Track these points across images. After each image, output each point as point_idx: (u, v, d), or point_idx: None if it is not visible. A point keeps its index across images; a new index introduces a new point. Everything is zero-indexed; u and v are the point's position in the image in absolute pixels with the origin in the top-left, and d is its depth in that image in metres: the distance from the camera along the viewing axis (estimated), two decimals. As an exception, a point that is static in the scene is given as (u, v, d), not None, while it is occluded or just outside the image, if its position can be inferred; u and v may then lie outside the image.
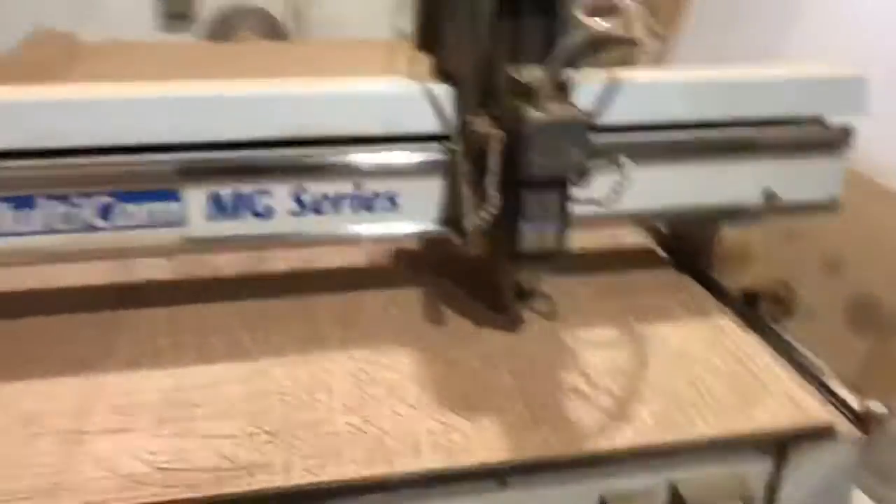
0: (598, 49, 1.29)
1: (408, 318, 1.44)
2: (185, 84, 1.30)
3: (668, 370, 1.30)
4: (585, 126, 1.17)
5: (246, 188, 1.31)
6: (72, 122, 1.23)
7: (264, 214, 1.34)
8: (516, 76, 1.19)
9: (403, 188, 1.36)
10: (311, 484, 1.05)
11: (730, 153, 1.48)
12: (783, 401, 1.23)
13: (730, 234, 1.61)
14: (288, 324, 1.41)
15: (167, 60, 3.62)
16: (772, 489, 1.23)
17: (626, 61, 1.43)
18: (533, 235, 1.24)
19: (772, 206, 1.52)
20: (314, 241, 1.39)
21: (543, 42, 1.23)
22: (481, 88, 1.28)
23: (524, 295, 1.44)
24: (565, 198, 1.24)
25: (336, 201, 1.35)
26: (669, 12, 4.12)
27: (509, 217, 1.23)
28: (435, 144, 1.35)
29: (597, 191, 1.23)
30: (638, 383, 1.27)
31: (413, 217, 1.39)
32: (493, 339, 1.38)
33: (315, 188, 1.34)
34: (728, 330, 1.43)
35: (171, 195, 1.29)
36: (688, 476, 1.19)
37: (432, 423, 1.17)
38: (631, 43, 1.25)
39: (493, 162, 1.19)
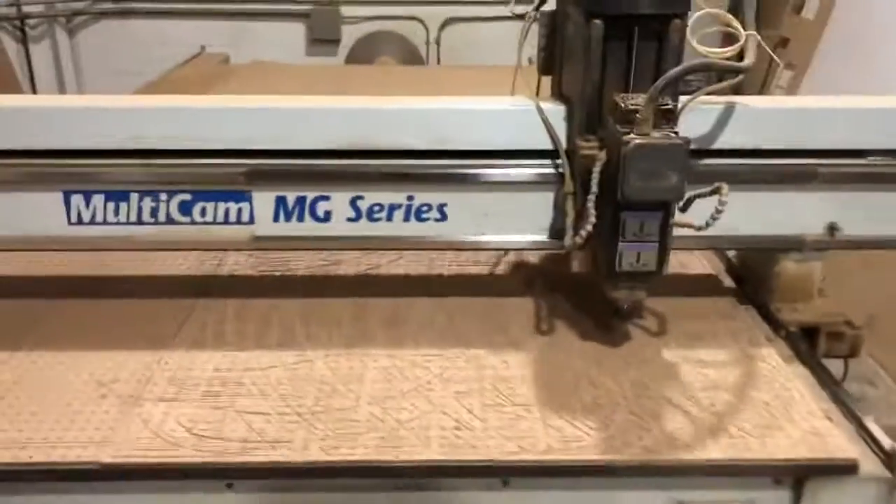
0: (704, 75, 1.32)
1: (452, 324, 1.52)
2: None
3: (692, 393, 1.30)
4: (684, 151, 1.19)
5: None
6: (159, 128, 1.40)
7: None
8: (620, 102, 1.23)
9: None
10: (323, 462, 1.15)
11: (792, 183, 1.46)
12: (805, 433, 1.20)
13: (795, 267, 1.57)
14: (340, 322, 1.52)
15: (308, 79, 3.90)
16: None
17: (737, 90, 1.44)
18: (631, 255, 1.29)
19: (834, 239, 1.49)
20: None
21: (654, 68, 1.28)
22: (590, 112, 1.33)
23: (622, 313, 1.48)
24: (666, 220, 1.27)
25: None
26: (803, 45, 3.99)
27: (609, 237, 1.28)
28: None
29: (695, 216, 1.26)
30: (657, 400, 1.28)
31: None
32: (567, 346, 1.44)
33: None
34: (770, 360, 1.40)
35: (240, 196, 1.45)
36: (695, 498, 1.19)
37: (448, 420, 1.23)
38: (738, 71, 1.28)
39: (594, 182, 1.25)
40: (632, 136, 1.18)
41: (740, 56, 1.28)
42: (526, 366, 1.38)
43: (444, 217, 1.47)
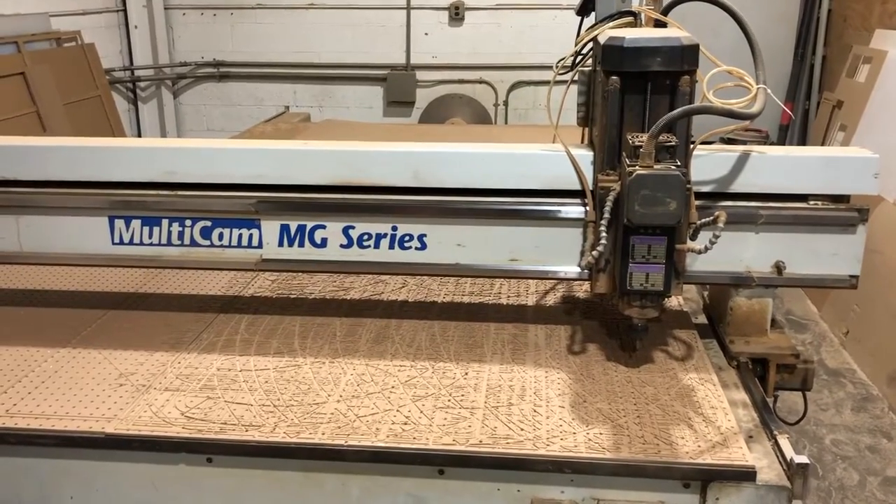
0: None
1: (433, 341, 1.71)
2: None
3: (626, 407, 1.44)
4: (681, 181, 1.38)
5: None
6: (186, 165, 1.67)
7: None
8: (630, 140, 1.44)
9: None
10: (285, 443, 1.35)
11: (741, 224, 1.59)
12: (716, 444, 1.32)
13: (748, 302, 1.68)
14: (334, 336, 1.73)
15: (379, 134, 4.22)
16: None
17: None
18: (640, 276, 1.46)
19: (781, 277, 1.60)
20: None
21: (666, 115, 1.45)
22: (611, 152, 1.53)
23: (636, 330, 1.61)
24: (672, 245, 1.45)
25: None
26: (854, 107, 4.03)
27: (622, 259, 1.46)
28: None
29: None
30: (590, 411, 1.43)
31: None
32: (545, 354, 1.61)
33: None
34: (709, 385, 1.52)
35: (251, 224, 1.70)
36: (612, 497, 1.32)
37: (400, 417, 1.42)
38: (738, 117, 1.46)
39: (608, 209, 1.45)
40: (636, 167, 1.38)
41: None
42: (483, 377, 1.55)
43: (423, 246, 1.68)
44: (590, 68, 1.70)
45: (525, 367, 1.60)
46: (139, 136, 5.70)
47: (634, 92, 1.50)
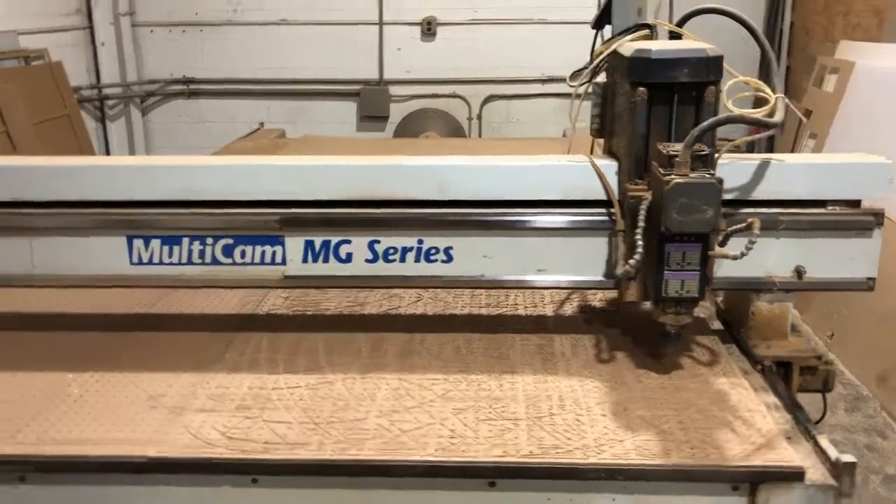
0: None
1: (460, 354, 1.71)
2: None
3: (665, 413, 1.46)
4: (717, 189, 1.41)
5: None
6: (205, 182, 1.65)
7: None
8: (662, 150, 1.47)
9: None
10: (335, 460, 1.34)
11: (763, 230, 1.63)
12: (761, 447, 1.35)
13: (768, 307, 1.72)
14: (359, 352, 1.72)
15: (354, 149, 4.21)
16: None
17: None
18: (675, 283, 1.48)
19: (801, 281, 1.64)
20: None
21: (692, 125, 1.49)
22: (637, 162, 1.56)
23: (669, 337, 1.63)
24: (705, 252, 1.47)
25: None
26: (823, 117, 4.15)
27: (656, 267, 1.48)
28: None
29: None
30: (632, 418, 1.44)
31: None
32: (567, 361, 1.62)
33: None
34: (741, 389, 1.55)
35: (274, 240, 1.68)
36: (662, 503, 1.34)
37: (445, 430, 1.41)
38: (765, 125, 1.49)
39: (642, 218, 1.47)
40: (672, 176, 1.40)
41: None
42: (519, 388, 1.56)
43: (449, 259, 1.68)
44: (604, 80, 1.73)
45: (558, 377, 1.61)
46: (108, 154, 5.60)
47: (661, 103, 1.53)
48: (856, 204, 1.63)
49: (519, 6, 5.11)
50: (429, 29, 5.31)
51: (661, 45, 1.55)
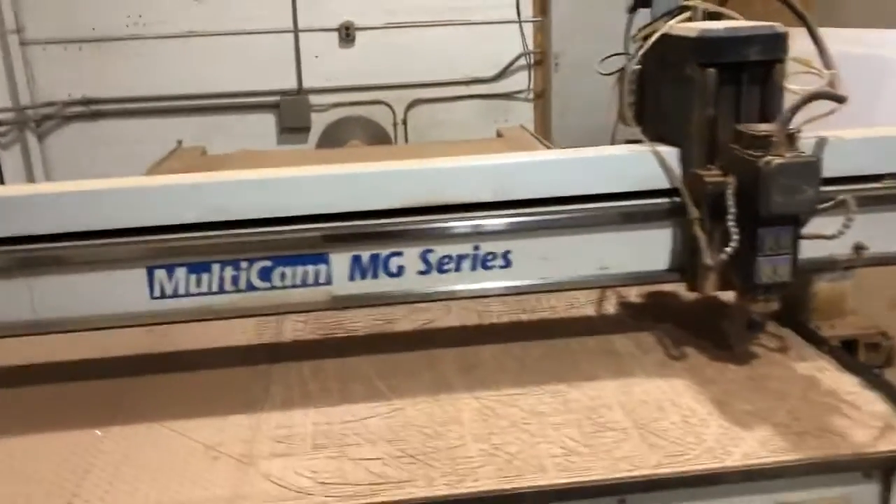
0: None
1: (524, 364, 1.60)
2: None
3: (769, 405, 1.40)
4: (817, 167, 1.35)
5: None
6: (239, 198, 1.47)
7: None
8: (750, 131, 1.39)
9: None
10: (454, 496, 1.20)
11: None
12: (883, 429, 1.31)
13: (829, 287, 1.70)
14: (414, 372, 1.58)
15: (284, 163, 4.00)
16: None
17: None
18: (768, 268, 1.41)
19: (863, 258, 1.62)
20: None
21: (760, 105, 1.47)
22: (706, 146, 1.48)
23: (755, 327, 1.58)
24: (797, 233, 1.41)
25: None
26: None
27: (744, 253, 1.40)
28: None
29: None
30: (738, 414, 1.38)
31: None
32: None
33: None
34: (827, 372, 1.51)
35: (317, 259, 1.52)
36: (795, 499, 1.27)
37: (554, 448, 1.30)
38: (839, 99, 1.43)
39: (731, 203, 1.38)
40: (770, 157, 1.33)
41: None
42: (606, 394, 1.47)
43: (508, 264, 1.57)
44: (639, 67, 1.66)
45: (640, 379, 1.53)
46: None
47: (729, 83, 1.47)
48: (902, 177, 1.63)
49: (435, 7, 5.02)
50: (347, 35, 5.14)
51: (723, 25, 1.50)
